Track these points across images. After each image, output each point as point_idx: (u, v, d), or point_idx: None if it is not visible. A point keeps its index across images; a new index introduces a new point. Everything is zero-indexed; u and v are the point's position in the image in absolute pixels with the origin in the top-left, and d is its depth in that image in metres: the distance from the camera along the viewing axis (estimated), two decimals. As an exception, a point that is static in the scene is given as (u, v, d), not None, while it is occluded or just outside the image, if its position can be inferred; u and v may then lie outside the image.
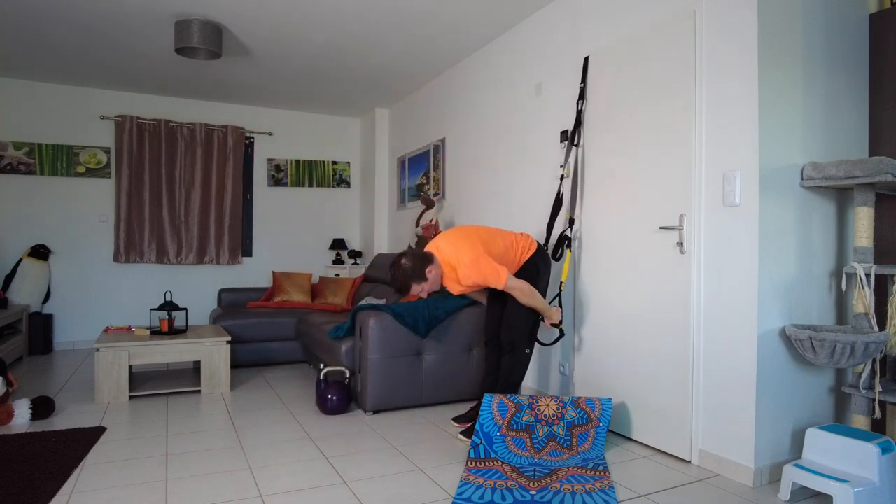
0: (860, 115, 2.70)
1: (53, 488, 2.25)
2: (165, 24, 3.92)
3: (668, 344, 2.68)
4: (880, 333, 2.22)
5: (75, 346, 5.44)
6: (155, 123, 5.64)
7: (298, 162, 6.34)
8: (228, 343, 3.81)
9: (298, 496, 2.22)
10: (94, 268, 5.50)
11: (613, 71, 3.04)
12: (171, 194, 5.71)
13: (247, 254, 6.12)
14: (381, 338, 3.27)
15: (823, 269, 2.57)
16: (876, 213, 2.63)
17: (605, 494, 2.22)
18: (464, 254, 2.75)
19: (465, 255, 2.74)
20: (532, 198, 3.71)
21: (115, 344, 3.54)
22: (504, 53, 4.06)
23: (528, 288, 2.80)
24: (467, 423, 3.04)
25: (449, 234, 2.89)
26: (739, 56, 2.40)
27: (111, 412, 3.34)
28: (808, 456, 2.26)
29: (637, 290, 2.87)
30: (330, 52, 4.45)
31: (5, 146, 5.20)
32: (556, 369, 3.44)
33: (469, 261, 2.73)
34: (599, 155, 3.13)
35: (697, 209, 2.57)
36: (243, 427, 3.09)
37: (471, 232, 2.89)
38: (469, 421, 3.05)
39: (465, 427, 3.00)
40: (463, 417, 3.12)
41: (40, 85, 5.33)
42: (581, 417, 2.68)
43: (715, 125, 2.51)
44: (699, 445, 2.56)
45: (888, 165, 2.22)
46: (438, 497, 2.22)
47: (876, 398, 2.32)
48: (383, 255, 5.33)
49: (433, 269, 2.77)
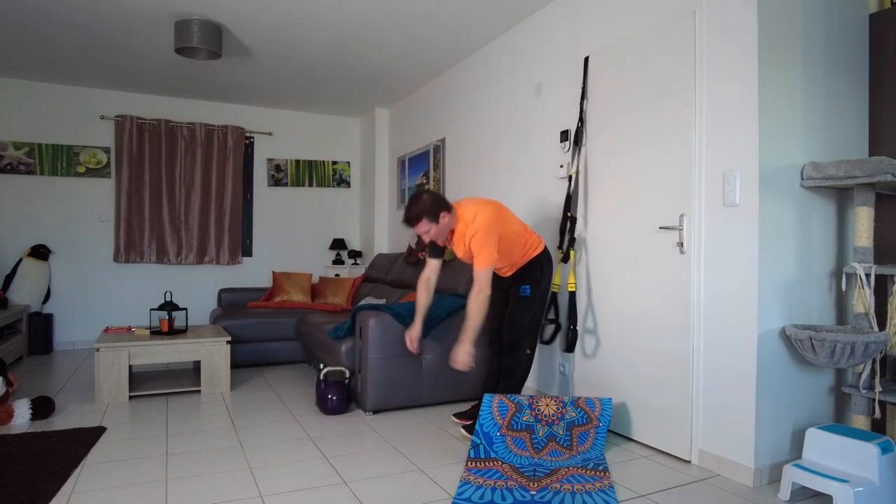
0: (860, 115, 2.70)
1: (53, 488, 2.25)
2: (165, 24, 3.92)
3: (669, 344, 2.68)
4: (880, 333, 2.22)
5: (75, 346, 5.44)
6: (155, 123, 5.64)
7: (298, 162, 6.34)
8: (228, 343, 3.81)
9: (298, 496, 2.22)
10: (94, 268, 5.50)
11: (613, 71, 3.04)
12: (171, 194, 5.71)
13: (247, 254, 6.12)
14: (381, 338, 3.27)
15: (823, 269, 2.57)
16: (876, 213, 2.63)
17: (605, 494, 2.22)
18: (482, 217, 2.76)
19: (482, 220, 2.75)
20: (532, 198, 3.71)
21: (115, 344, 3.54)
22: (504, 53, 4.06)
23: (483, 299, 2.73)
24: (469, 420, 3.04)
25: (477, 199, 2.93)
26: (739, 56, 2.40)
27: (111, 412, 3.34)
28: (808, 456, 2.26)
29: (637, 289, 2.87)
30: (330, 52, 4.45)
31: (5, 146, 5.20)
32: (556, 369, 3.44)
33: (483, 225, 2.74)
34: (599, 155, 3.13)
35: (697, 209, 2.57)
36: (243, 427, 3.09)
37: (498, 206, 2.90)
38: (470, 419, 3.05)
39: (467, 423, 3.00)
40: (464, 415, 3.12)
41: (40, 85, 5.33)
42: (581, 417, 2.68)
43: (715, 125, 2.51)
44: (699, 445, 2.56)
45: (888, 165, 2.22)
46: (438, 497, 2.22)
47: (876, 398, 2.32)
48: (383, 256, 5.33)
49: (447, 217, 2.79)
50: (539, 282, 2.95)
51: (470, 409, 3.13)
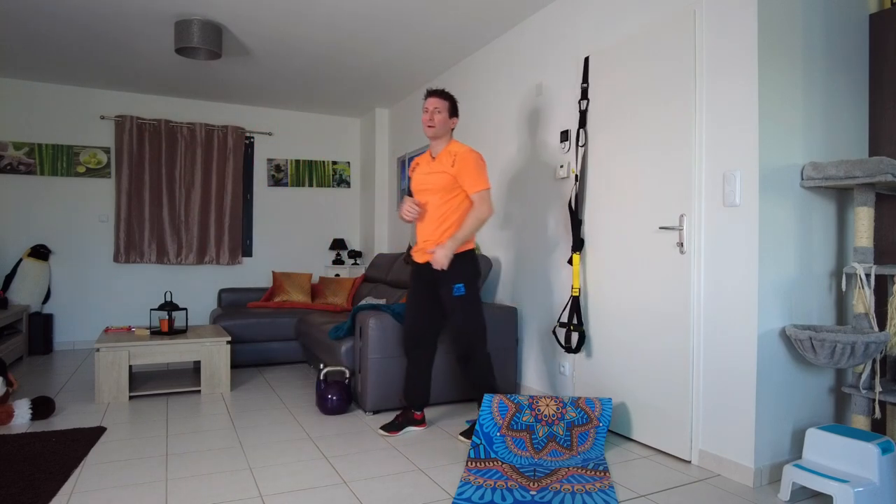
0: (860, 115, 2.70)
1: (53, 488, 2.25)
2: (165, 24, 3.92)
3: (669, 344, 2.68)
4: (880, 333, 2.22)
5: (75, 346, 5.44)
6: (155, 123, 5.63)
7: (298, 162, 6.34)
8: (228, 343, 3.81)
9: (298, 496, 2.22)
10: (94, 268, 5.50)
11: (613, 71, 3.04)
12: (171, 194, 5.71)
13: (247, 254, 6.12)
14: (381, 338, 3.27)
15: (823, 269, 2.57)
16: (876, 213, 2.63)
17: (605, 494, 2.22)
18: (472, 155, 2.84)
19: (475, 153, 2.85)
20: (532, 198, 3.71)
21: (115, 344, 3.54)
22: (504, 54, 4.06)
23: (486, 216, 2.83)
24: (396, 432, 2.97)
25: None
26: (739, 56, 2.40)
27: (111, 412, 3.34)
28: (808, 456, 2.26)
29: (637, 290, 2.86)
30: (330, 52, 4.45)
31: (5, 146, 5.20)
32: (557, 369, 3.44)
33: (477, 155, 2.84)
34: (599, 155, 3.13)
35: (697, 209, 2.57)
36: (243, 427, 3.09)
37: None
38: (397, 430, 2.97)
39: (395, 434, 2.96)
40: (392, 425, 2.99)
41: (40, 85, 5.33)
42: (581, 417, 2.68)
43: (715, 125, 2.51)
44: (699, 445, 2.56)
45: (888, 165, 2.22)
46: (438, 497, 2.22)
47: (876, 398, 2.32)
48: (383, 255, 5.33)
49: (455, 121, 2.95)
50: (476, 277, 2.89)
51: (396, 419, 3.02)
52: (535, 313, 3.64)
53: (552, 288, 3.48)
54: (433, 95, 2.90)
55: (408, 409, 3.04)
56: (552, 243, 3.48)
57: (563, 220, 3.39)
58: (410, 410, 3.03)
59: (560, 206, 3.43)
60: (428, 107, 2.88)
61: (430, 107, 2.87)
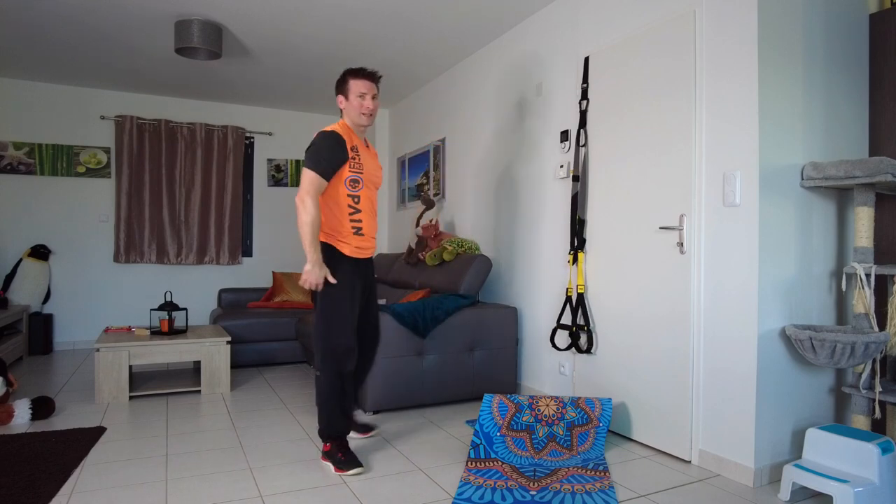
0: (860, 115, 2.70)
1: (53, 488, 2.25)
2: (165, 24, 3.92)
3: (669, 344, 2.68)
4: (880, 333, 2.22)
5: (75, 346, 5.44)
6: (155, 123, 5.63)
7: (298, 162, 6.33)
8: (228, 343, 3.80)
9: (298, 496, 2.22)
10: (94, 268, 5.50)
11: (613, 71, 3.04)
12: (171, 194, 5.71)
13: (247, 254, 6.11)
14: (381, 338, 3.27)
15: (823, 269, 2.57)
16: (876, 213, 2.63)
17: (605, 494, 2.22)
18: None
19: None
20: (532, 198, 3.71)
21: (115, 344, 3.54)
22: (504, 53, 4.06)
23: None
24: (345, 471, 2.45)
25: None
26: (739, 56, 2.40)
27: (111, 412, 3.34)
28: (809, 456, 2.26)
29: (637, 290, 2.86)
30: (330, 52, 4.45)
31: (5, 146, 5.20)
32: (557, 369, 3.44)
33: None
34: (599, 155, 3.13)
35: (697, 209, 2.57)
36: (243, 427, 3.09)
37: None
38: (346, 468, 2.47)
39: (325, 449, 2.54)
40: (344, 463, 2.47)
41: (40, 85, 5.33)
42: (581, 417, 2.68)
43: (715, 125, 2.51)
44: (699, 445, 2.56)
45: (888, 165, 2.22)
46: (438, 497, 2.22)
47: (876, 398, 2.32)
48: (383, 256, 5.33)
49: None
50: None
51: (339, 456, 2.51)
52: (535, 313, 3.64)
53: (552, 288, 3.48)
54: (374, 80, 2.61)
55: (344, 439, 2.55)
56: (552, 243, 3.48)
57: (563, 221, 3.39)
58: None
59: (560, 206, 3.43)
60: (368, 92, 2.57)
61: (372, 93, 2.59)
